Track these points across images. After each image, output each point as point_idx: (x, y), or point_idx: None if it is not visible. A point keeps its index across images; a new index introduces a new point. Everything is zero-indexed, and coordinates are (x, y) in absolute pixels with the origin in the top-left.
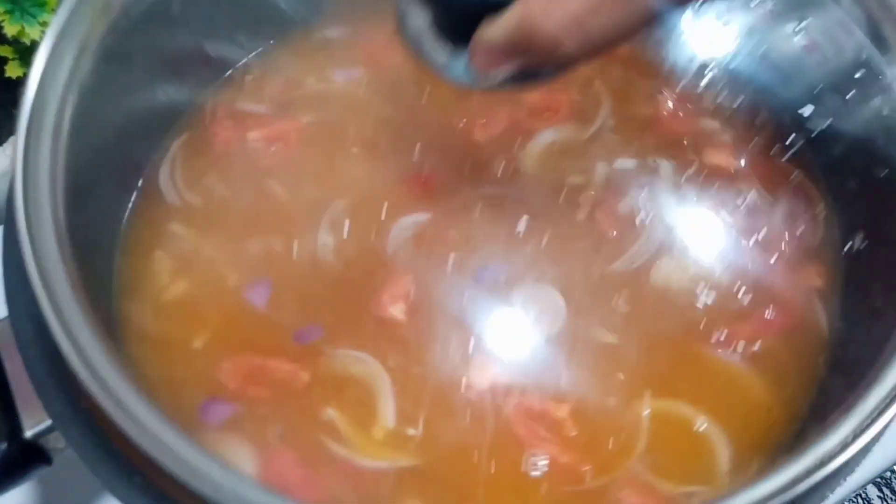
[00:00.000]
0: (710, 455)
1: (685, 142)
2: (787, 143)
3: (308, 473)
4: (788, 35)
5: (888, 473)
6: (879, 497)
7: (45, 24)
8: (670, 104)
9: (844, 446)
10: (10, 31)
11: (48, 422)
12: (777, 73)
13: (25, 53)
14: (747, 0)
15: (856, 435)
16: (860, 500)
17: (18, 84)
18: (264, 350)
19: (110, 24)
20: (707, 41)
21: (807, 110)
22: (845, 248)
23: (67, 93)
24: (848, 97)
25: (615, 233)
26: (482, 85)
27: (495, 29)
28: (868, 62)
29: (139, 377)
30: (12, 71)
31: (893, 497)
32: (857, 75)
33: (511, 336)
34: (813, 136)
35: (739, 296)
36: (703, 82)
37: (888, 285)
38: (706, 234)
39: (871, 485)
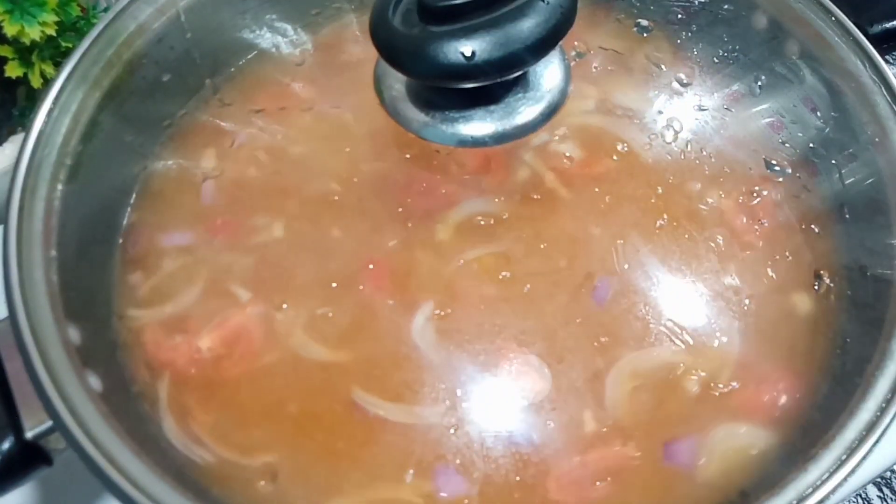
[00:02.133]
0: None
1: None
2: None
3: None
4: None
5: (888, 473)
6: (879, 497)
7: (44, 24)
8: None
9: (824, 480)
10: (10, 30)
11: (49, 423)
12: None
13: (25, 53)
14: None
15: (833, 470)
16: (860, 500)
17: (18, 84)
18: None
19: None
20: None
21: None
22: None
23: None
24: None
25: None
26: (457, 143)
27: None
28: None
29: None
30: (12, 71)
31: (893, 497)
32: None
33: None
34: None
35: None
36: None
37: (861, 319)
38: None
39: (871, 485)
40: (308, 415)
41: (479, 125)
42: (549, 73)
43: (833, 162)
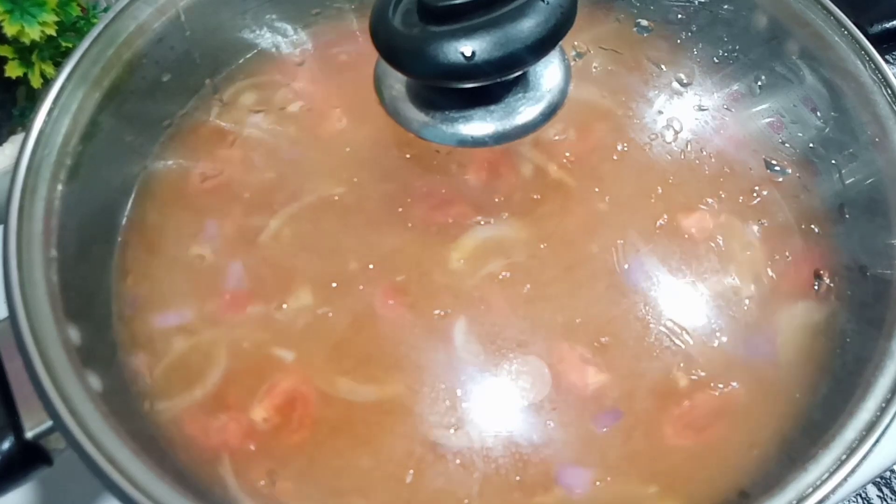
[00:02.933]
0: None
1: None
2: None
3: None
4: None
5: (888, 473)
6: (879, 496)
7: (44, 24)
8: None
9: (824, 480)
10: (10, 30)
11: (49, 422)
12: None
13: (25, 53)
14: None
15: (833, 470)
16: (860, 500)
17: (18, 84)
18: None
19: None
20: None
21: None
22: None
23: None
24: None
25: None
26: (457, 143)
27: None
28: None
29: None
30: (12, 71)
31: (893, 496)
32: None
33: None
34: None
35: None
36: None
37: (861, 319)
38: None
39: (870, 484)
40: (394, 463)
41: (479, 125)
42: (549, 73)
43: (833, 162)
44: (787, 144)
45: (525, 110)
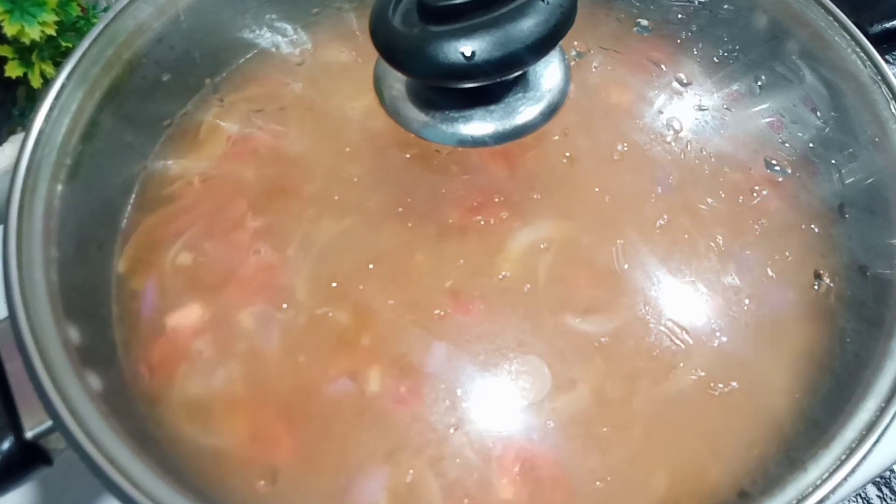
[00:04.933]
0: None
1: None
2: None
3: None
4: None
5: (888, 473)
6: (879, 497)
7: (44, 24)
8: None
9: (824, 480)
10: (10, 30)
11: (49, 422)
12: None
13: (25, 53)
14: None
15: (833, 470)
16: (859, 500)
17: (18, 84)
18: None
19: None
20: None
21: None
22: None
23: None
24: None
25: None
26: (457, 143)
27: None
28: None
29: None
30: (12, 71)
31: (893, 497)
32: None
33: None
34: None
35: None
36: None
37: (861, 319)
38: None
39: (870, 484)
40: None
41: (479, 125)
42: (549, 73)
43: (833, 162)
44: (787, 144)
45: (525, 110)
